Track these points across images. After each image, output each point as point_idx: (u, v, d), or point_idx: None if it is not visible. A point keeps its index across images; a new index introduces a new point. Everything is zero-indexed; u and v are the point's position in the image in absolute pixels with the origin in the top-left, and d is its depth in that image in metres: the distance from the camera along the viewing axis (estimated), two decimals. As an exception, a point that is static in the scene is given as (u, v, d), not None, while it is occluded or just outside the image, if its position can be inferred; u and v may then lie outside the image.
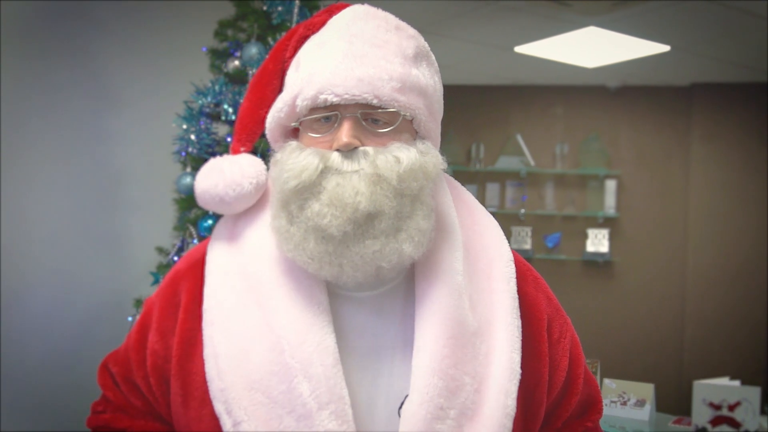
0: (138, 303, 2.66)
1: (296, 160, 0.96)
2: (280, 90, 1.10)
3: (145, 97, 3.46)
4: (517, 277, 1.08)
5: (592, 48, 4.47)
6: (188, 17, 3.46)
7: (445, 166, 1.04)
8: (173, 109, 2.63)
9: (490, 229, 1.12)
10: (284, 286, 0.99)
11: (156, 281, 2.59)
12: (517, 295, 1.06)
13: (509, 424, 0.97)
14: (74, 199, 3.37)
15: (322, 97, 0.95)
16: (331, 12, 1.09)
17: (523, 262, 1.15)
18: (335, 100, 0.95)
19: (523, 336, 1.04)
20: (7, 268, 3.14)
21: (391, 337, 1.00)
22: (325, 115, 0.98)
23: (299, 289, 0.99)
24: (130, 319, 2.68)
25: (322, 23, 1.08)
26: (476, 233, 1.09)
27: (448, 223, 1.05)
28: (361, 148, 0.96)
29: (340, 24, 1.03)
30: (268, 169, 1.07)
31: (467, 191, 1.17)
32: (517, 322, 1.03)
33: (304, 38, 1.08)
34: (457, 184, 1.16)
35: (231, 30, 2.64)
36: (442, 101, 1.09)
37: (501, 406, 0.96)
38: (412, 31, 1.07)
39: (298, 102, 0.98)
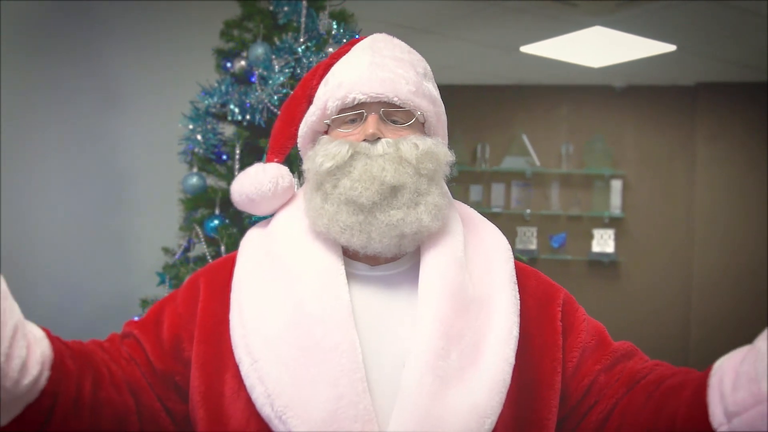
0: (144, 303, 2.65)
1: (329, 147, 1.12)
2: (306, 110, 1.26)
3: (150, 98, 3.46)
4: (518, 273, 1.19)
5: (598, 48, 4.47)
6: (194, 17, 3.46)
7: (453, 159, 1.19)
8: (179, 109, 2.62)
9: (488, 228, 1.25)
10: (307, 259, 1.12)
11: (162, 282, 2.58)
12: (515, 274, 1.17)
13: (509, 370, 1.05)
14: (79, 200, 3.37)
15: (351, 96, 1.13)
16: (353, 45, 1.27)
17: (521, 263, 1.24)
18: (362, 98, 1.12)
19: (524, 316, 1.13)
20: (12, 269, 3.13)
21: (400, 309, 1.11)
22: (352, 117, 1.15)
23: (321, 260, 1.12)
24: (136, 318, 2.67)
25: (346, 53, 1.25)
26: (476, 226, 1.23)
27: (450, 216, 1.18)
28: (384, 139, 1.12)
29: (363, 45, 1.23)
30: (298, 177, 1.25)
31: (464, 204, 1.30)
32: (515, 293, 1.14)
33: (329, 66, 1.25)
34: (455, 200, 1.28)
35: (237, 30, 2.64)
36: (446, 116, 1.24)
37: (501, 353, 1.06)
38: (420, 56, 1.24)
39: (329, 104, 1.15)
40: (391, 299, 1.13)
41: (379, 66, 1.15)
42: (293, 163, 1.36)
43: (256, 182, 1.20)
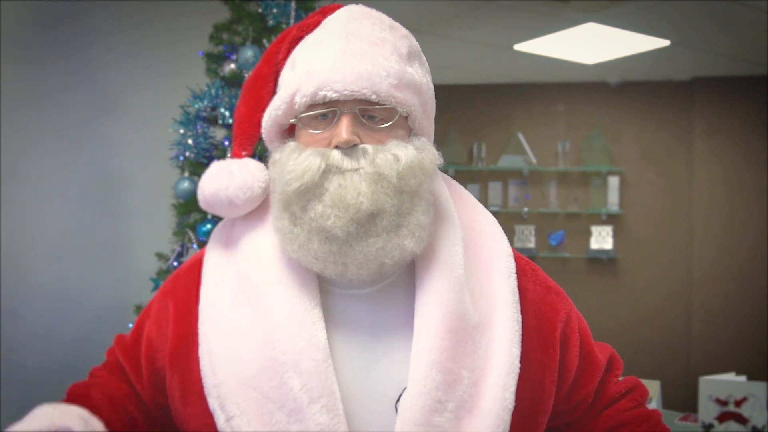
0: (138, 309, 2.65)
1: (297, 161, 0.96)
2: (274, 92, 1.10)
3: (141, 102, 3.45)
4: (517, 274, 1.08)
5: (592, 44, 4.46)
6: (183, 21, 3.45)
7: (441, 161, 1.05)
8: (170, 113, 2.62)
9: (489, 225, 1.12)
10: (277, 285, 1.00)
11: (156, 287, 2.58)
12: (517, 290, 1.05)
13: (507, 418, 0.96)
14: (72, 206, 3.36)
15: (322, 93, 0.96)
16: (324, 13, 1.10)
17: (520, 257, 1.14)
18: (334, 96, 0.96)
19: (526, 329, 1.04)
20: (8, 274, 3.13)
21: (389, 330, 1.00)
22: (323, 112, 0.99)
23: (292, 286, 1.00)
24: (130, 325, 2.67)
25: (316, 24, 1.08)
26: (475, 230, 1.09)
27: (447, 218, 1.06)
28: (361, 146, 0.97)
29: (336, 23, 1.04)
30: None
31: (465, 189, 1.17)
32: (517, 317, 1.03)
33: (298, 39, 1.09)
34: (455, 182, 1.16)
35: (226, 33, 2.63)
36: (434, 100, 1.10)
37: (499, 399, 0.96)
38: (404, 30, 1.08)
39: (297, 99, 0.99)
40: (376, 324, 1.01)
41: (354, 54, 0.98)
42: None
43: (243, 186, 1.05)
